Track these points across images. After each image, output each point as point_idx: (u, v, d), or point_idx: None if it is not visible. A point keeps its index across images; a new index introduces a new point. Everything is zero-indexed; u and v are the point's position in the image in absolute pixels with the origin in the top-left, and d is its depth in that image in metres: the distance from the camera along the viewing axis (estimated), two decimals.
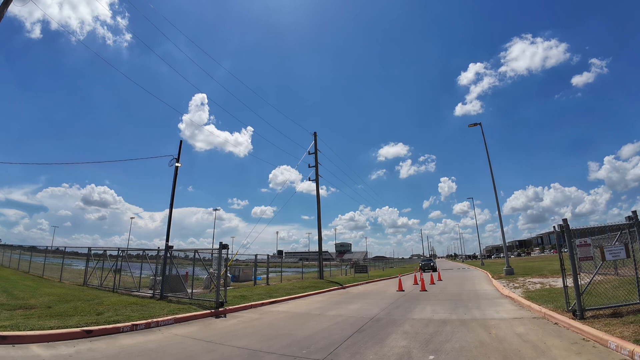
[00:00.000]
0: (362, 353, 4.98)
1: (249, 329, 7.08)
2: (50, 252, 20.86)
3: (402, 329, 6.61)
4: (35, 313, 7.41)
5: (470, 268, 39.62)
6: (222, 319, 8.38)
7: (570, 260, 6.52)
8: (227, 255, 10.54)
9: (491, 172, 24.87)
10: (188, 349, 5.41)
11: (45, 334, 5.67)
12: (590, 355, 4.40)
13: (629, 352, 4.17)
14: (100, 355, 5.03)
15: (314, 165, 25.19)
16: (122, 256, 14.02)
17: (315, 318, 8.37)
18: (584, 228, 6.92)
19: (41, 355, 4.88)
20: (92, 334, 6.09)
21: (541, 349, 4.79)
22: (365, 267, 27.81)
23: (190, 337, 6.31)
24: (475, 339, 5.57)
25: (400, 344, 5.47)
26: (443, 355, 4.77)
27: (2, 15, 9.44)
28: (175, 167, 16.60)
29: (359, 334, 6.29)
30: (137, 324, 6.86)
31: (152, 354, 5.17)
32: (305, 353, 5.07)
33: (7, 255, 26.27)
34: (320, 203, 24.61)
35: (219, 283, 9.40)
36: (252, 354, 5.10)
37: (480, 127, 25.96)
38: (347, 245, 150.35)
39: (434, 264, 37.78)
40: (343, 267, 34.71)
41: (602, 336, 4.87)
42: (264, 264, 20.43)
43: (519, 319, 7.18)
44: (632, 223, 6.18)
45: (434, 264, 37.78)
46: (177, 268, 11.64)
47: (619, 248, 6.32)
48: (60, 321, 6.59)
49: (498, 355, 4.64)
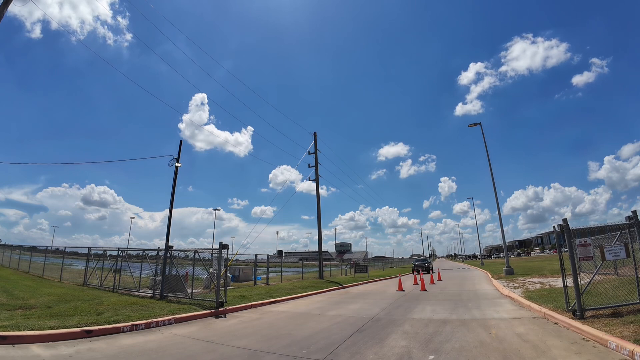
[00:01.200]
0: (362, 353, 4.98)
1: (249, 329, 7.08)
2: (50, 252, 20.86)
3: (402, 329, 6.61)
4: (35, 313, 7.41)
5: (470, 268, 39.61)
6: (222, 319, 8.38)
7: (570, 260, 6.52)
8: (227, 255, 10.53)
9: (491, 172, 24.90)
10: (188, 349, 5.41)
11: (45, 334, 5.67)
12: (590, 355, 4.40)
13: (629, 352, 4.17)
14: (100, 355, 5.03)
15: (314, 165, 25.19)
16: (122, 256, 14.02)
17: (315, 318, 8.37)
18: (584, 228, 6.92)
19: (41, 355, 4.88)
20: (92, 334, 6.09)
21: (541, 349, 4.79)
22: (365, 267, 27.80)
23: (190, 337, 6.31)
24: (475, 339, 5.57)
25: (400, 343, 5.47)
26: (443, 355, 4.77)
27: (2, 15, 9.44)
28: (175, 167, 16.60)
29: (359, 334, 6.29)
30: (137, 324, 6.86)
31: (152, 354, 5.16)
32: (306, 353, 5.07)
33: (7, 255, 26.26)
34: (320, 203, 24.63)
35: (219, 283, 9.40)
36: (252, 354, 5.10)
37: (480, 127, 25.99)
38: (347, 245, 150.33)
39: (429, 265, 32.10)
40: (343, 267, 34.66)
41: (602, 336, 4.87)
42: (264, 264, 20.43)
43: (519, 318, 7.18)
44: (632, 223, 6.18)
45: (429, 265, 32.10)
46: (177, 268, 11.63)
47: (618, 248, 6.32)
48: (60, 321, 6.59)
49: (498, 355, 4.64)
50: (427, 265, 31.38)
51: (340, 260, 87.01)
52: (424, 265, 30.69)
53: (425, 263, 32.11)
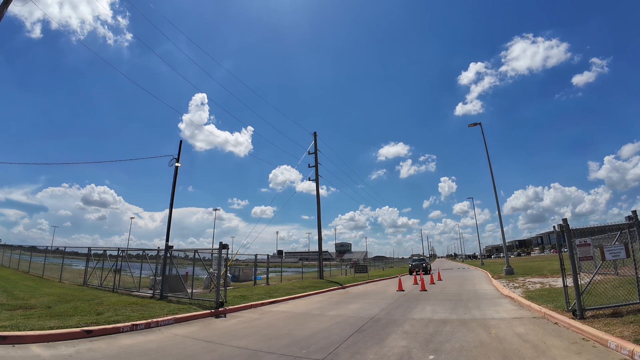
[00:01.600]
0: (362, 353, 4.98)
1: (249, 329, 7.08)
2: (50, 252, 20.86)
3: (402, 329, 6.61)
4: (35, 313, 7.41)
5: (470, 268, 39.60)
6: (222, 319, 8.38)
7: (570, 260, 6.52)
8: (227, 255, 10.53)
9: (491, 172, 24.90)
10: (188, 349, 5.41)
11: (45, 334, 5.67)
12: (590, 355, 4.40)
13: (629, 352, 4.17)
14: (100, 355, 5.03)
15: (314, 165, 25.18)
16: (122, 256, 14.02)
17: (315, 318, 8.37)
18: (584, 228, 6.93)
19: (41, 355, 4.88)
20: (92, 334, 6.09)
21: (541, 349, 4.79)
22: (365, 267, 27.77)
23: (190, 337, 6.31)
24: (475, 339, 5.57)
25: (400, 343, 5.47)
26: (443, 355, 4.77)
27: (2, 15, 9.44)
28: (175, 167, 16.60)
29: (359, 334, 6.29)
30: (137, 324, 6.86)
31: (152, 354, 5.17)
32: (305, 353, 5.07)
33: (7, 255, 26.25)
34: (320, 203, 24.63)
35: (219, 283, 9.40)
36: (252, 354, 5.11)
37: (480, 127, 25.97)
38: (347, 245, 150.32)
39: (427, 265, 29.98)
40: (343, 267, 34.65)
41: (602, 336, 4.87)
42: (264, 264, 20.43)
43: (519, 318, 7.18)
44: (632, 223, 6.18)
45: (427, 265, 29.98)
46: (177, 268, 11.63)
47: (618, 248, 6.32)
48: (60, 321, 6.59)
49: (498, 355, 4.64)
50: (425, 266, 29.30)
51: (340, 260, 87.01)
52: (421, 266, 28.80)
53: (422, 263, 30.19)
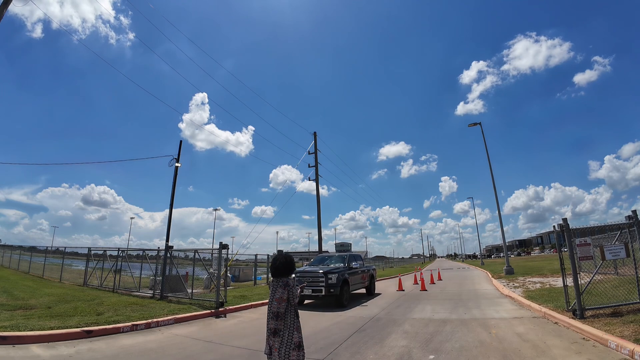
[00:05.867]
0: (362, 353, 4.98)
1: (249, 329, 7.08)
2: (50, 253, 20.85)
3: (402, 329, 6.61)
4: (36, 313, 7.41)
5: (470, 268, 39.58)
6: (222, 319, 8.38)
7: (570, 259, 6.52)
8: (227, 255, 10.53)
9: (491, 172, 24.87)
10: (188, 349, 5.41)
11: (46, 334, 5.66)
12: (590, 355, 4.41)
13: (629, 352, 4.17)
14: (101, 356, 5.03)
15: (314, 165, 25.18)
16: (122, 256, 14.02)
17: (315, 318, 8.36)
18: (584, 227, 6.93)
19: (41, 356, 4.88)
20: (92, 334, 6.08)
21: (541, 349, 4.79)
22: None
23: (190, 337, 6.31)
24: (475, 339, 5.57)
25: (400, 343, 5.47)
26: (443, 354, 4.77)
27: (2, 15, 9.43)
28: (175, 167, 16.60)
29: (359, 334, 6.28)
30: (137, 324, 6.85)
31: (152, 354, 5.17)
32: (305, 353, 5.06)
33: (7, 256, 26.26)
34: (320, 203, 24.57)
35: (219, 283, 9.40)
36: (252, 354, 5.10)
37: (480, 127, 25.91)
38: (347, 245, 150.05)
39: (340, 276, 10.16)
40: None
41: (602, 335, 4.87)
42: (264, 264, 20.41)
43: (519, 318, 7.18)
44: (632, 222, 6.18)
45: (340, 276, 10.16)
46: (177, 268, 11.64)
47: (618, 247, 6.32)
48: (60, 321, 6.59)
49: (498, 354, 4.65)
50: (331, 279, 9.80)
51: None
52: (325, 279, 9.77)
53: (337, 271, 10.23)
